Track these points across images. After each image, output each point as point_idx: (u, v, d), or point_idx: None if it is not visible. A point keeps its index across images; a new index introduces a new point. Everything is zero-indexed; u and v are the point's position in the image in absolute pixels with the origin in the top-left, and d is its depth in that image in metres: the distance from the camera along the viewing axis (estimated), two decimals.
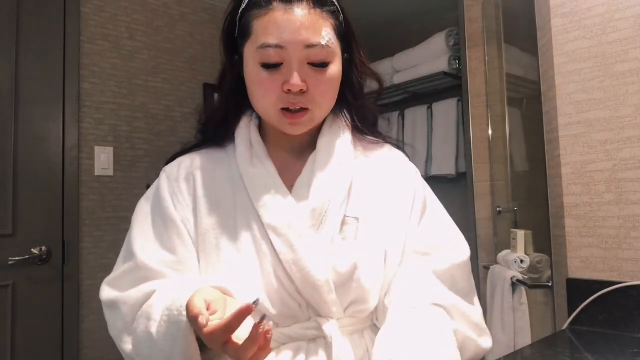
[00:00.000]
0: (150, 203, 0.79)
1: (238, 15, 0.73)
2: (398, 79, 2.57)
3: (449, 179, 2.52)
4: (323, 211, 0.72)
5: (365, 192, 0.76)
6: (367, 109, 0.85)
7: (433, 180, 2.63)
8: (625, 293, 0.92)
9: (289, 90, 0.68)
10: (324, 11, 0.71)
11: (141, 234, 0.75)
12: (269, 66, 0.68)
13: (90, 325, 1.91)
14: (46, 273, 1.83)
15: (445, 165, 2.47)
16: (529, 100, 1.70)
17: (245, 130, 0.78)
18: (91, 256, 1.94)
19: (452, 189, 2.57)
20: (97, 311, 1.93)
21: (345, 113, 0.82)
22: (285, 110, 0.70)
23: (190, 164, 0.78)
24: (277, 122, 0.72)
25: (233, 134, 0.78)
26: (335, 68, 0.72)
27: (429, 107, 2.59)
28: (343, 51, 0.76)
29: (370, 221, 0.74)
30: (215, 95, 0.85)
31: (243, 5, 0.72)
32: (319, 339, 0.70)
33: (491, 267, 1.67)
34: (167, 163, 0.81)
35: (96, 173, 1.99)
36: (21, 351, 1.75)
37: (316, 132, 0.79)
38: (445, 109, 2.49)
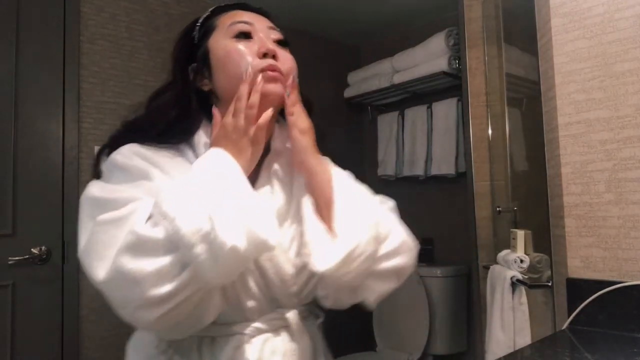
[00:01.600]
0: (117, 179, 0.71)
1: (198, 25, 0.83)
2: (398, 79, 2.57)
3: (449, 179, 2.53)
4: (286, 212, 0.78)
5: (304, 195, 0.83)
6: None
7: (433, 180, 2.64)
8: (625, 293, 0.92)
9: (264, 54, 0.76)
10: (272, 22, 0.84)
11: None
12: (242, 35, 0.78)
13: (90, 326, 1.91)
14: (46, 273, 1.83)
15: (445, 165, 2.47)
16: (529, 100, 1.70)
17: (207, 134, 0.79)
18: None
19: (452, 189, 2.57)
20: (97, 311, 1.93)
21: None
22: (265, 70, 0.75)
23: (144, 150, 0.74)
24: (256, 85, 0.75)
25: (189, 136, 0.78)
26: (292, 56, 0.81)
27: (429, 107, 2.59)
28: None
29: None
30: (148, 100, 0.86)
31: (206, 14, 0.85)
32: (281, 329, 0.77)
33: (491, 267, 1.67)
34: (101, 152, 0.78)
35: None
36: (21, 351, 1.75)
37: (268, 138, 0.82)
38: (445, 109, 2.49)
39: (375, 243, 0.72)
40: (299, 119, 0.77)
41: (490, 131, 1.88)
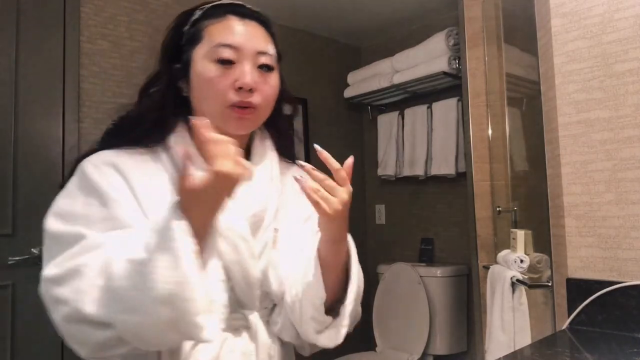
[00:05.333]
0: (85, 195, 0.71)
1: (188, 25, 0.79)
2: (398, 79, 2.57)
3: (449, 179, 2.53)
4: (261, 219, 0.80)
5: (283, 206, 0.85)
6: (289, 133, 0.94)
7: (433, 180, 2.64)
8: (625, 293, 0.92)
9: (240, 88, 0.74)
10: (268, 33, 0.81)
11: (80, 222, 0.69)
12: (224, 62, 0.74)
13: None
14: None
15: (445, 165, 2.47)
16: (529, 100, 1.70)
17: (183, 138, 0.78)
18: None
19: (452, 189, 2.57)
20: None
21: (271, 135, 0.89)
22: (234, 107, 0.74)
23: (115, 157, 0.74)
24: (224, 120, 0.76)
25: (164, 138, 0.78)
26: (276, 78, 0.80)
27: (429, 107, 2.59)
28: None
29: (287, 232, 0.84)
30: (139, 93, 0.85)
31: (196, 16, 0.79)
32: (241, 329, 0.79)
33: (491, 267, 1.67)
34: (79, 161, 0.76)
35: None
36: (21, 351, 1.75)
37: (244, 147, 0.84)
38: (445, 109, 2.49)
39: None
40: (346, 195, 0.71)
41: (490, 131, 1.88)
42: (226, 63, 0.74)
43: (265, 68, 0.78)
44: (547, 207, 1.18)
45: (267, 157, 0.86)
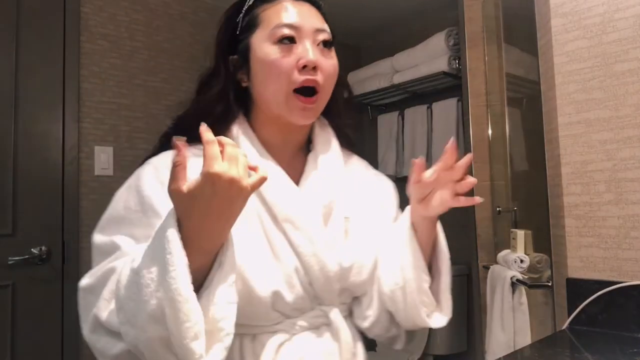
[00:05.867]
0: (129, 194, 0.73)
1: (242, 14, 0.77)
2: (398, 79, 2.57)
3: None
4: (331, 209, 0.77)
5: (351, 195, 0.83)
6: (348, 124, 0.91)
7: None
8: (625, 293, 0.92)
9: (304, 67, 0.72)
10: (321, 15, 0.79)
11: (122, 229, 0.70)
12: (285, 42, 0.73)
13: None
14: (46, 273, 1.83)
15: None
16: (529, 100, 1.70)
17: (245, 130, 0.78)
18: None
19: None
20: None
21: (330, 123, 0.87)
22: (299, 93, 0.73)
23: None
24: (289, 108, 0.74)
25: (228, 131, 0.77)
26: (335, 56, 0.78)
27: (429, 107, 2.59)
28: None
29: (360, 221, 0.81)
30: (196, 91, 0.83)
31: (249, 2, 0.77)
32: (323, 327, 0.76)
33: (491, 267, 1.67)
34: (144, 161, 0.77)
35: (96, 173, 1.99)
36: (21, 351, 1.75)
37: (306, 136, 0.83)
38: (445, 109, 2.49)
39: None
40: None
41: (490, 131, 1.88)
42: (287, 42, 0.73)
43: (325, 44, 0.76)
44: (547, 207, 1.18)
45: (331, 145, 0.83)
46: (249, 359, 0.71)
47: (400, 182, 0.81)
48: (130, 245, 0.66)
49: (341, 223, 0.78)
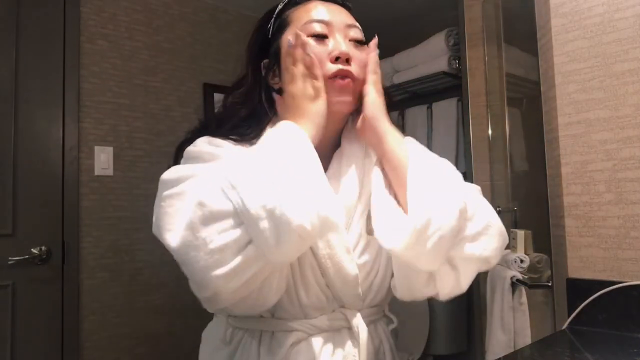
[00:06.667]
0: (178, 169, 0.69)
1: (272, 19, 0.78)
2: (398, 79, 2.56)
3: None
4: (352, 208, 0.74)
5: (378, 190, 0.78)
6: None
7: None
8: (625, 293, 0.92)
9: (337, 58, 0.71)
10: (351, 15, 0.80)
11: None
12: (316, 37, 0.73)
13: (90, 326, 1.91)
14: (46, 273, 1.83)
15: None
16: (529, 100, 1.70)
17: None
18: (91, 256, 1.94)
19: None
20: (97, 311, 1.93)
21: None
22: (334, 78, 0.72)
23: (219, 140, 0.72)
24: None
25: (259, 133, 0.75)
26: (366, 54, 0.77)
27: (429, 107, 2.59)
28: None
29: None
30: (224, 97, 0.82)
31: (280, 7, 0.79)
32: (343, 330, 0.74)
33: None
34: (178, 150, 0.75)
35: (96, 173, 1.99)
36: (21, 351, 1.75)
37: (337, 134, 0.80)
38: (445, 109, 2.49)
39: (459, 219, 0.63)
40: (372, 91, 0.73)
41: (490, 131, 1.88)
42: (319, 37, 0.73)
43: (357, 42, 0.76)
44: (547, 207, 1.18)
45: (360, 143, 0.79)
46: (265, 355, 0.72)
47: None
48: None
49: (363, 223, 0.75)
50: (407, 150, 0.69)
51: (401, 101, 2.77)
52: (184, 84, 2.30)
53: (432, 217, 0.61)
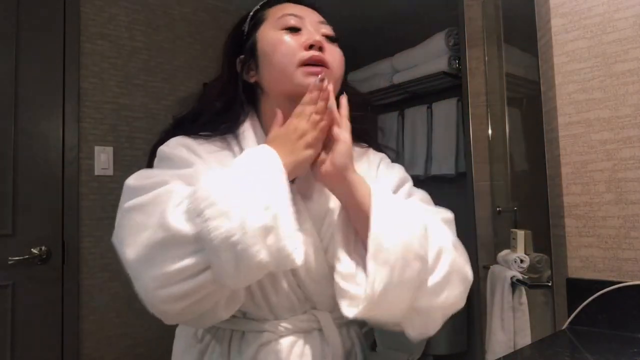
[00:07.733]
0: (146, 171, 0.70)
1: (249, 17, 0.81)
2: (398, 79, 2.57)
3: (449, 179, 2.52)
4: (326, 210, 0.75)
5: None
6: (364, 115, 0.88)
7: (433, 180, 2.63)
8: (625, 293, 0.92)
9: (310, 46, 0.74)
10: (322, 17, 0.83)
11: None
12: (291, 29, 0.76)
13: (90, 326, 1.91)
14: (46, 273, 1.83)
15: (445, 165, 2.47)
16: (529, 100, 1.70)
17: (253, 125, 0.79)
18: (91, 256, 1.94)
19: (452, 189, 2.57)
20: (97, 311, 1.93)
21: None
22: (306, 65, 0.73)
23: (187, 140, 0.74)
24: (297, 79, 0.73)
25: (234, 127, 0.78)
26: (340, 52, 0.80)
27: (429, 107, 2.59)
28: None
29: None
30: (200, 93, 0.86)
31: (256, 8, 0.83)
32: (314, 331, 0.75)
33: (491, 267, 1.67)
34: (153, 149, 0.77)
35: (96, 173, 1.99)
36: (21, 351, 1.75)
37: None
38: (445, 109, 2.49)
39: (418, 276, 0.64)
40: (345, 138, 0.70)
41: (490, 131, 1.88)
42: (293, 30, 0.76)
43: (329, 39, 0.79)
44: (547, 207, 1.18)
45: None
46: (234, 355, 0.73)
47: None
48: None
49: (335, 224, 0.74)
50: (374, 203, 0.67)
51: (401, 101, 2.77)
52: (184, 84, 2.30)
53: (389, 282, 0.62)
